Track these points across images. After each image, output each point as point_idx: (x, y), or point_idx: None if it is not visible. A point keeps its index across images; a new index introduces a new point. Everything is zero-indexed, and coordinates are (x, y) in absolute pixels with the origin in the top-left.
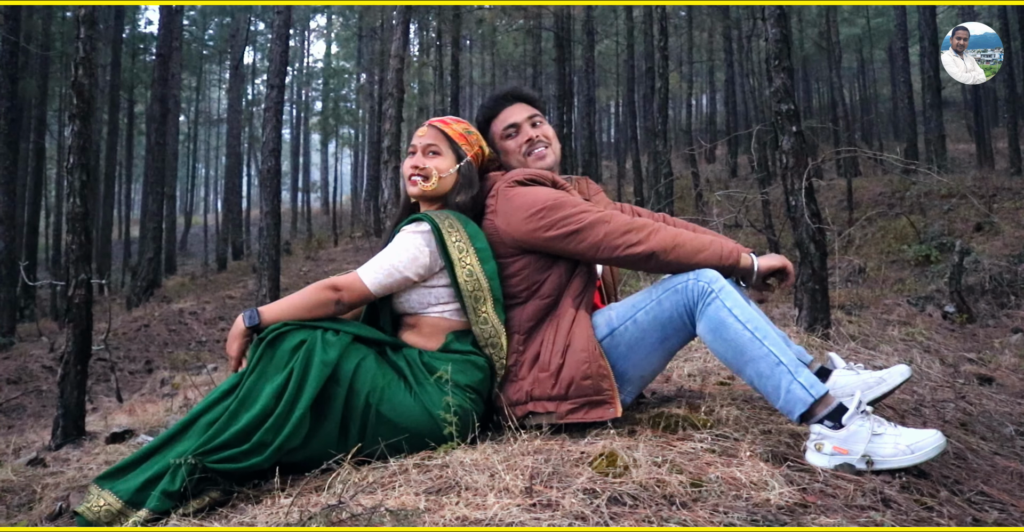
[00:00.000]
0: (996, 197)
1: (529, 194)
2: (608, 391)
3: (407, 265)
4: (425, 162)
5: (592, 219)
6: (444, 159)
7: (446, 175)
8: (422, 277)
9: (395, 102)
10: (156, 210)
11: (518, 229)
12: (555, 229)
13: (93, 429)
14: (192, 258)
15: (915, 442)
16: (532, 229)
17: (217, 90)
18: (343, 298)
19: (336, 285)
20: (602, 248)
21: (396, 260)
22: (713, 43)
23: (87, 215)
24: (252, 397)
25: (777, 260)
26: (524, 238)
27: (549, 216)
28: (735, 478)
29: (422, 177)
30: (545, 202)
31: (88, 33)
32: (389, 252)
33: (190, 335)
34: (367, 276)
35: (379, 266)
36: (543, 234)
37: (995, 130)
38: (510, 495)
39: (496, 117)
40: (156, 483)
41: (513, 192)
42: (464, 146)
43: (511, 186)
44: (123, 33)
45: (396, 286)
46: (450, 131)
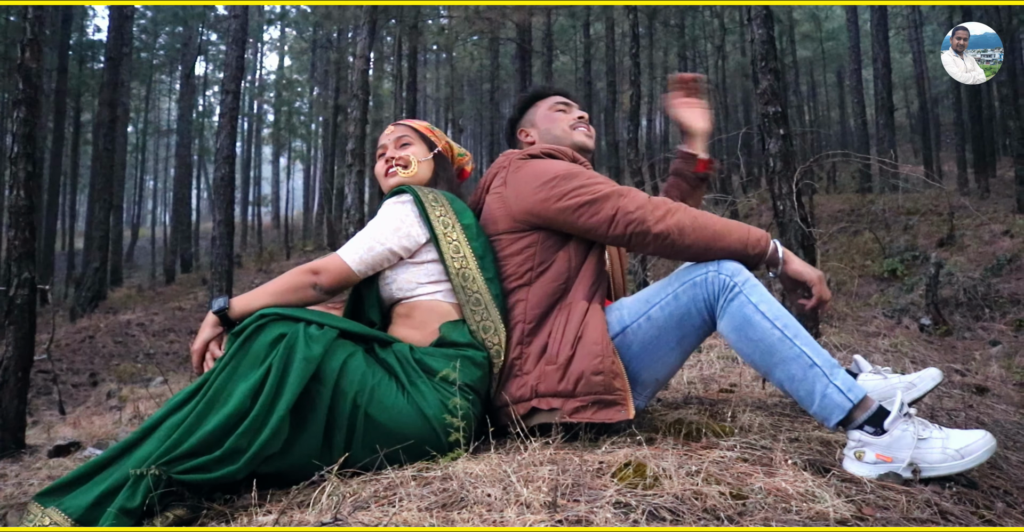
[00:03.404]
0: (956, 214)
1: (542, 165)
2: (620, 391)
3: (389, 236)
4: (399, 152)
5: (608, 191)
6: (417, 147)
7: (424, 160)
8: (407, 250)
9: (360, 104)
10: (103, 218)
11: (528, 199)
12: (567, 199)
13: (34, 443)
14: (139, 270)
15: (964, 445)
16: (543, 199)
17: (167, 100)
18: (321, 281)
19: (314, 268)
20: (615, 223)
21: (377, 232)
22: (668, 62)
23: (32, 209)
24: (223, 397)
25: (812, 274)
26: (533, 208)
27: (562, 185)
28: (780, 489)
29: (401, 166)
30: (558, 172)
31: (36, 14)
32: (369, 226)
33: (137, 347)
34: (347, 254)
35: (359, 242)
36: (554, 204)
37: (941, 154)
38: (532, 510)
39: (547, 97)
40: (112, 498)
41: (526, 164)
42: (432, 138)
43: (524, 158)
44: (70, 39)
45: (380, 261)
46: (417, 125)
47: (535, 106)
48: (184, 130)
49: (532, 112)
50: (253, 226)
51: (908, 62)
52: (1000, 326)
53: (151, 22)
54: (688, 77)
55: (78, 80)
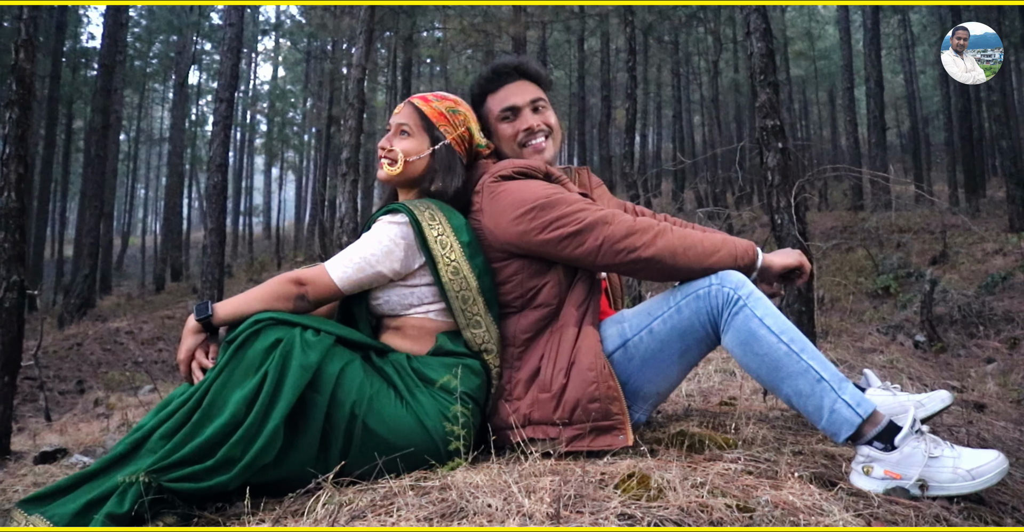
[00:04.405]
0: (947, 233)
1: (518, 190)
2: (618, 416)
3: (380, 259)
4: (393, 143)
5: (592, 220)
6: (414, 141)
7: (413, 159)
8: (398, 274)
9: (355, 113)
10: (93, 225)
11: (507, 231)
12: (549, 231)
13: (19, 449)
14: (128, 279)
15: (976, 466)
16: (523, 231)
17: (160, 109)
18: (307, 293)
19: (300, 279)
20: (602, 253)
21: (368, 253)
22: (661, 78)
23: (23, 211)
24: (218, 405)
25: (793, 258)
26: (514, 241)
27: (542, 216)
28: (787, 502)
29: (388, 160)
30: (536, 200)
31: (31, 14)
32: (361, 244)
33: (126, 355)
34: (335, 269)
35: (348, 259)
36: (536, 237)
37: (932, 173)
38: (534, 521)
39: (494, 93)
40: (99, 506)
41: (500, 188)
42: (444, 127)
43: (496, 181)
44: (64, 45)
45: (367, 282)
46: (428, 109)
47: (485, 106)
48: (176, 139)
49: (486, 114)
50: (244, 236)
51: (900, 82)
52: (994, 343)
53: (145, 30)
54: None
55: (71, 87)
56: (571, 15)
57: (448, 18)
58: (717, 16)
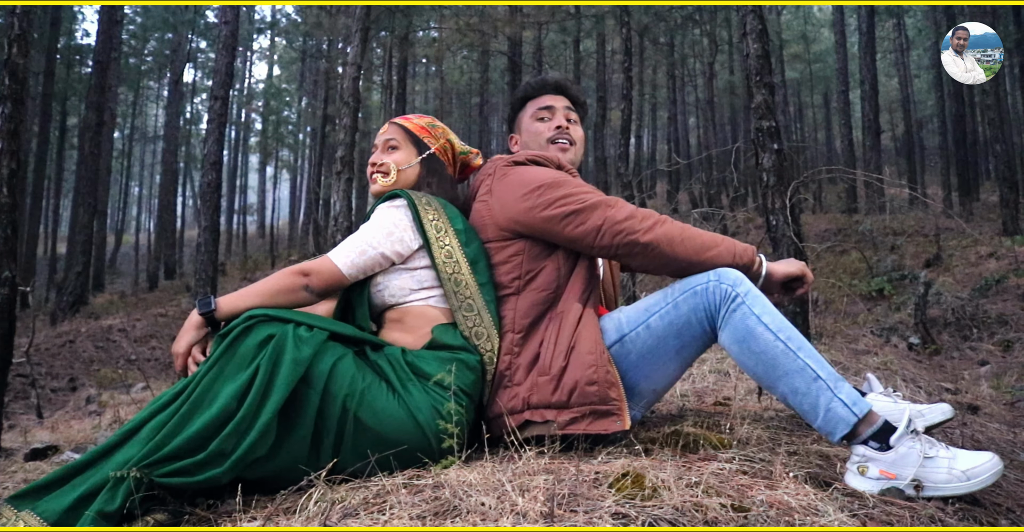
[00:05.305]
0: (941, 236)
1: (528, 172)
2: (615, 401)
3: (381, 240)
4: (383, 158)
5: (595, 200)
6: (402, 153)
7: (405, 168)
8: (400, 255)
9: (350, 111)
10: (87, 222)
11: (513, 207)
12: (552, 208)
13: (10, 446)
14: (121, 277)
15: (971, 467)
16: (528, 207)
17: (154, 107)
18: (311, 283)
19: (304, 269)
20: (602, 234)
21: (370, 236)
22: (656, 80)
23: (15, 207)
24: (209, 398)
25: (795, 266)
26: (519, 217)
27: (548, 194)
28: (782, 502)
29: (381, 173)
30: (544, 180)
31: (25, 9)
32: (362, 230)
33: (119, 353)
34: (338, 257)
35: (351, 245)
36: (540, 213)
37: (926, 177)
38: (528, 520)
39: (535, 99)
40: (90, 502)
41: (511, 170)
42: (428, 139)
43: (509, 165)
44: (58, 42)
45: (371, 266)
46: (410, 125)
47: (524, 108)
48: (171, 136)
49: (521, 115)
50: (238, 234)
51: (894, 85)
52: (988, 346)
53: (140, 28)
54: None
55: (65, 83)
56: (567, 16)
57: (444, 18)
58: (713, 18)
